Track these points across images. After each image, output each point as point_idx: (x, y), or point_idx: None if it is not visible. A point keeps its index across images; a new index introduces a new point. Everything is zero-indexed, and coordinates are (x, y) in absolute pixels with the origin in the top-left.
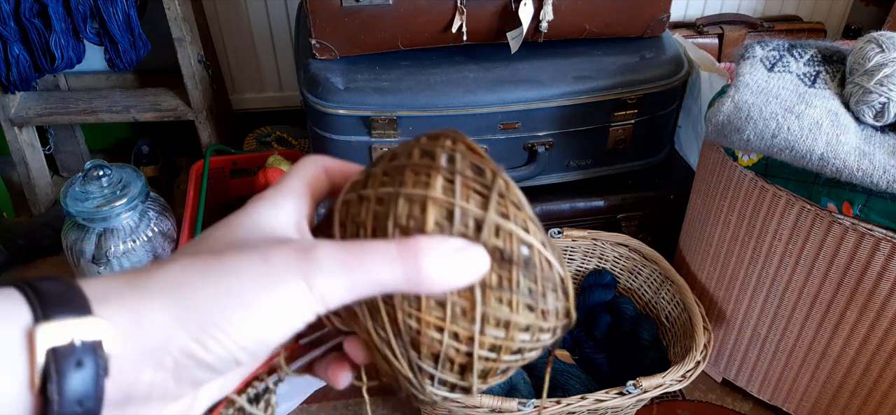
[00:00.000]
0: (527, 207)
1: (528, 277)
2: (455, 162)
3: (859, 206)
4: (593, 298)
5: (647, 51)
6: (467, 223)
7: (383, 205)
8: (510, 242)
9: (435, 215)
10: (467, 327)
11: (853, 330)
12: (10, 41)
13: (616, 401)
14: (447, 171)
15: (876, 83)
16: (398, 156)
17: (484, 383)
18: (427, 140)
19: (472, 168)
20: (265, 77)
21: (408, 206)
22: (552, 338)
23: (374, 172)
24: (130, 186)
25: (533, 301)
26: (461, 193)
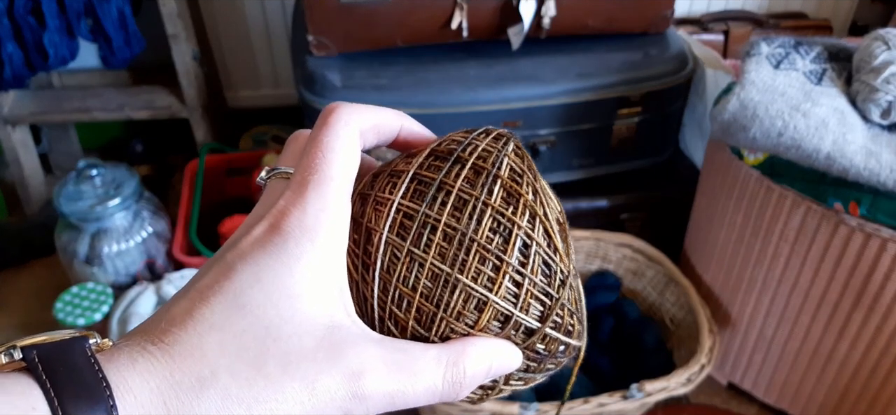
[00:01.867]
0: (581, 302)
1: (554, 364)
2: (528, 257)
3: (866, 206)
4: (597, 300)
5: (651, 47)
6: (518, 329)
7: (436, 284)
8: (552, 345)
9: (489, 316)
10: (479, 393)
11: (859, 332)
12: (3, 39)
13: (620, 405)
14: (517, 271)
15: (882, 81)
16: (464, 210)
17: None
18: (504, 199)
19: (542, 268)
20: (261, 74)
21: (464, 300)
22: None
23: (432, 220)
24: (124, 186)
25: (548, 374)
26: (523, 302)
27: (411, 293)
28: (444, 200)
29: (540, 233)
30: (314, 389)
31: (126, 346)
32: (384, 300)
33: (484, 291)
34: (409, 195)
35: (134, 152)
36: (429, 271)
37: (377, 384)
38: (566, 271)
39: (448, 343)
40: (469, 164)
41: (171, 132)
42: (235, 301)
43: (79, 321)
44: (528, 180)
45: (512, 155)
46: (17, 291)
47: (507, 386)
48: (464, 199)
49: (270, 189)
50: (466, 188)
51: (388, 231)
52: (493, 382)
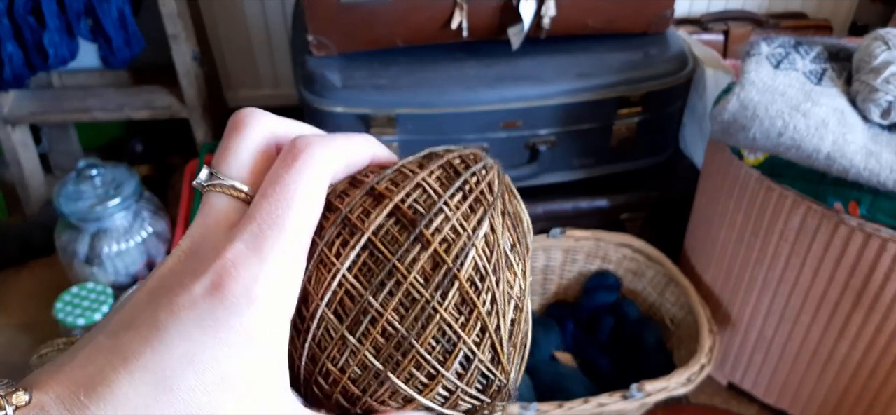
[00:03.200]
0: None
1: None
2: (467, 370)
3: (866, 206)
4: (596, 300)
5: (652, 47)
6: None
7: (366, 374)
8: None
9: (412, 409)
10: None
11: (860, 332)
12: (2, 39)
13: (619, 405)
14: (452, 381)
15: (882, 81)
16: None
17: None
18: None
19: (479, 380)
20: (261, 74)
21: (390, 394)
22: None
23: (373, 311)
24: (124, 186)
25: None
26: (450, 403)
27: (339, 374)
28: (392, 290)
29: (486, 349)
30: None
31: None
32: (311, 369)
33: (412, 392)
34: (356, 269)
35: (134, 152)
36: (360, 361)
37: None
38: (504, 380)
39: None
40: (430, 250)
41: (171, 132)
42: (163, 382)
43: (79, 321)
44: (490, 285)
45: (480, 244)
46: (16, 292)
47: None
48: (413, 297)
49: (214, 209)
50: (419, 284)
51: (325, 305)
52: None
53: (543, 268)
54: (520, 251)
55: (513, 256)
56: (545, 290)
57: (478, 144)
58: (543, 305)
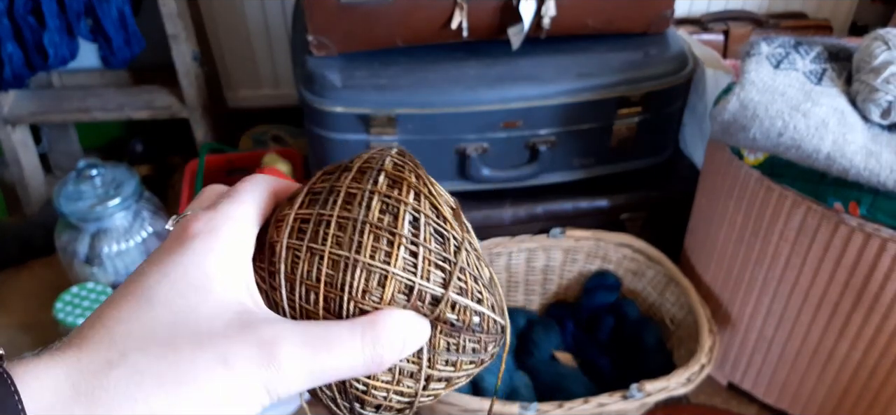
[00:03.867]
0: (485, 268)
1: (474, 340)
2: (419, 227)
3: (866, 206)
4: (596, 300)
5: (652, 47)
6: (424, 299)
7: (337, 270)
8: (464, 314)
9: (394, 290)
10: (413, 385)
11: (860, 332)
12: (3, 39)
13: (619, 405)
14: (410, 241)
15: (882, 81)
16: (354, 201)
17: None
18: (389, 185)
19: (435, 237)
20: (261, 74)
21: (365, 278)
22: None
23: (326, 216)
24: (124, 186)
25: (476, 357)
26: (423, 271)
27: (316, 285)
28: (335, 199)
29: (426, 207)
30: (227, 360)
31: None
32: (293, 300)
33: (382, 265)
34: (304, 205)
35: (134, 152)
36: (328, 261)
37: (292, 353)
38: (459, 238)
39: (359, 317)
40: (355, 168)
41: (171, 132)
42: (143, 296)
43: (78, 321)
44: (411, 169)
45: (394, 155)
46: (16, 291)
47: (438, 374)
48: (352, 193)
49: None
50: (354, 185)
51: (287, 238)
52: (434, 395)
53: (543, 268)
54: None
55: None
56: (545, 290)
57: (478, 144)
58: (543, 305)
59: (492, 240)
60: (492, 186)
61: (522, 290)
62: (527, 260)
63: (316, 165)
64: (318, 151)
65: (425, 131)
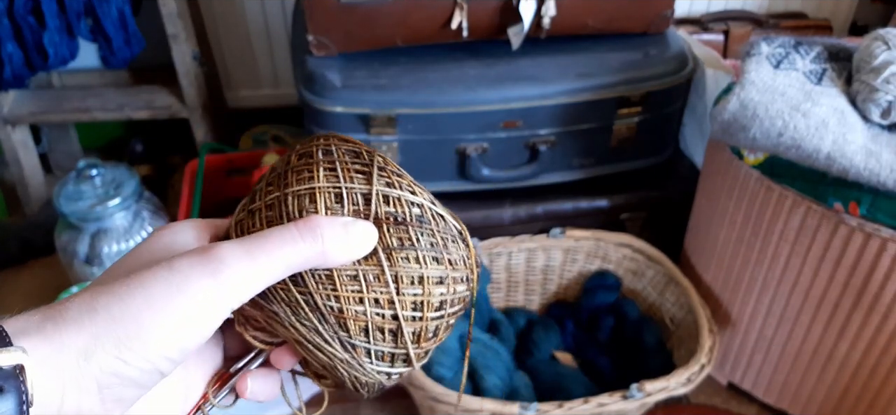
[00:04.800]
0: (408, 176)
1: (425, 233)
2: (332, 152)
3: (866, 205)
4: (596, 300)
5: (651, 47)
6: (356, 200)
7: (274, 209)
8: (400, 205)
9: (325, 202)
10: (384, 290)
11: (859, 332)
12: (3, 39)
13: (619, 405)
14: (326, 161)
15: (882, 81)
16: (277, 167)
17: (419, 347)
18: (301, 145)
19: (348, 154)
20: (261, 74)
21: (297, 201)
22: (466, 288)
23: (259, 187)
24: (124, 186)
25: (437, 253)
26: (344, 176)
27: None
28: (264, 178)
29: (335, 141)
30: (172, 265)
31: None
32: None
33: (308, 185)
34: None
35: (134, 152)
36: (265, 209)
37: (233, 249)
38: (371, 151)
39: None
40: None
41: (171, 132)
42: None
43: None
44: (317, 143)
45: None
46: (17, 291)
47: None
48: (275, 170)
49: None
50: (278, 166)
51: (234, 220)
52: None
53: (543, 268)
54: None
55: None
56: (545, 290)
57: (478, 144)
58: (543, 304)
59: (492, 240)
60: (492, 186)
61: (522, 290)
62: (527, 260)
63: None
64: None
65: (425, 131)
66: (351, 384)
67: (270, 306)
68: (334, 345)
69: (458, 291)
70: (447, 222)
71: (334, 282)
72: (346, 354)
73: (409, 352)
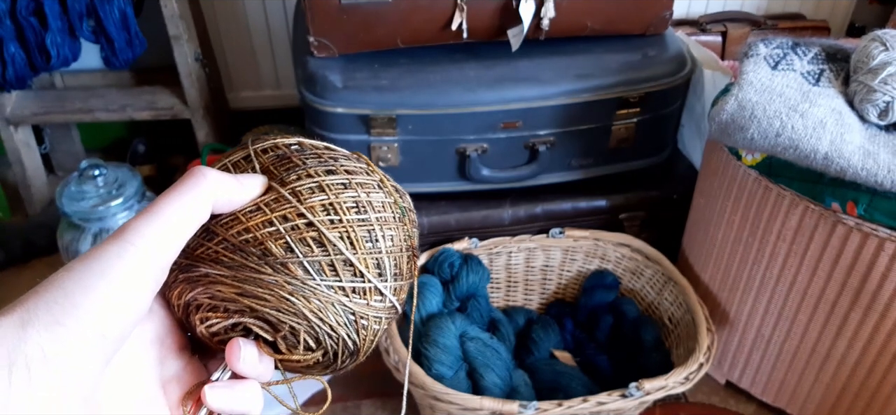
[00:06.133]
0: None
1: (310, 158)
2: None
3: (863, 205)
4: (595, 299)
5: (650, 48)
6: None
7: None
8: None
9: None
10: (289, 205)
11: (857, 331)
12: (5, 40)
13: (618, 403)
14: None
15: (880, 82)
16: None
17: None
18: None
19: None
20: (263, 75)
21: None
22: (385, 196)
23: None
24: (126, 186)
25: (330, 167)
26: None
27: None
28: None
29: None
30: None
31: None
32: None
33: None
34: None
35: (136, 153)
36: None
37: (136, 224)
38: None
39: None
40: None
41: (173, 133)
42: None
43: None
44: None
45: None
46: (19, 291)
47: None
48: None
49: None
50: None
51: None
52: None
53: (543, 267)
54: None
55: None
56: (544, 289)
57: (478, 145)
58: (543, 304)
59: (492, 240)
60: (491, 187)
61: (522, 289)
62: (526, 260)
63: None
64: None
65: (425, 132)
66: (320, 342)
67: (198, 270)
68: (266, 271)
69: (374, 198)
70: (337, 152)
71: (239, 219)
72: (280, 275)
73: (353, 259)
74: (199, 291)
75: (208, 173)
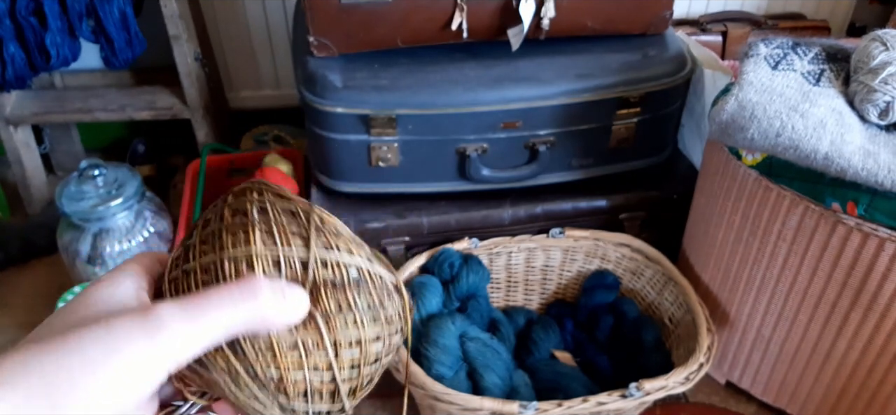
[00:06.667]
0: (345, 231)
1: (363, 294)
2: (268, 212)
3: (864, 206)
4: (595, 299)
5: (650, 48)
6: (294, 266)
7: (210, 273)
8: (338, 269)
9: (263, 267)
10: (324, 357)
11: (857, 331)
12: (5, 40)
13: (618, 403)
14: (263, 222)
15: (880, 82)
16: (210, 222)
17: (354, 398)
18: (234, 198)
19: (285, 214)
20: (262, 75)
21: (235, 267)
22: (401, 337)
23: (192, 243)
24: (126, 186)
25: (375, 313)
26: (282, 240)
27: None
28: (196, 230)
29: (269, 196)
30: (110, 325)
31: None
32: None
33: (245, 248)
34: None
35: (136, 153)
36: (201, 270)
37: (171, 310)
38: (307, 208)
39: None
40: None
41: (173, 133)
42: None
43: None
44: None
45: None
46: (19, 291)
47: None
48: (208, 218)
49: None
50: (208, 214)
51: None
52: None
53: (543, 267)
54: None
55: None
56: (544, 289)
57: (478, 145)
58: (543, 304)
59: (492, 240)
60: (491, 187)
61: (522, 289)
62: (526, 260)
63: (316, 165)
64: (319, 151)
65: (425, 132)
66: None
67: (209, 374)
68: (273, 409)
69: (394, 343)
70: (383, 280)
71: (274, 351)
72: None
73: (346, 405)
74: (199, 381)
75: (265, 294)
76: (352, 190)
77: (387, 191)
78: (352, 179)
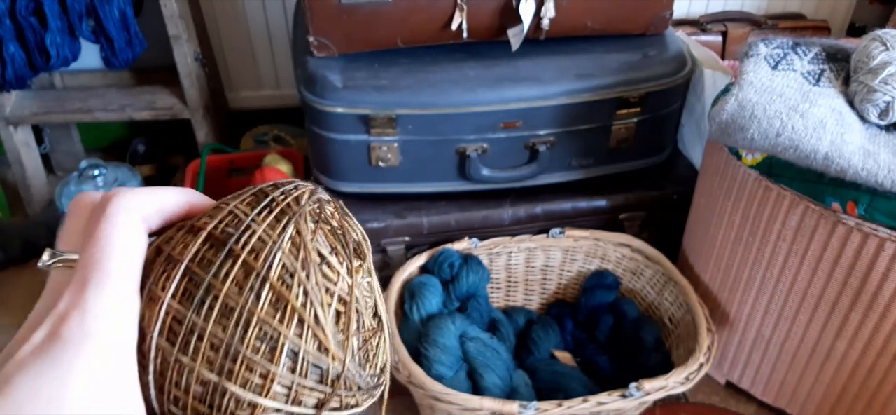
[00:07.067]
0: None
1: None
2: (297, 361)
3: (864, 206)
4: (595, 299)
5: (650, 48)
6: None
7: (207, 390)
8: None
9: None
10: None
11: (857, 331)
12: (5, 40)
13: (618, 403)
14: (286, 376)
15: (880, 82)
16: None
17: None
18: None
19: (313, 369)
20: (262, 75)
21: (235, 404)
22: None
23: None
24: (126, 186)
25: None
26: (294, 399)
27: (185, 395)
28: (211, 304)
29: (308, 339)
30: None
31: None
32: (161, 399)
33: (253, 396)
34: (179, 295)
35: (136, 153)
36: (198, 378)
37: None
38: (339, 367)
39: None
40: (240, 260)
41: (173, 133)
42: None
43: None
44: (300, 280)
45: (287, 247)
46: (19, 291)
47: None
48: (230, 306)
49: (53, 281)
50: (234, 294)
51: (158, 335)
52: None
53: (543, 267)
54: (343, 255)
55: (333, 259)
56: (545, 289)
57: (478, 145)
58: (543, 304)
59: (492, 240)
60: (492, 186)
61: (522, 289)
62: (526, 260)
63: (316, 165)
64: (319, 151)
65: (425, 132)
66: None
67: None
68: None
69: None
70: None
71: None
72: None
73: None
74: None
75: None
76: (352, 190)
77: (387, 191)
78: (352, 179)
